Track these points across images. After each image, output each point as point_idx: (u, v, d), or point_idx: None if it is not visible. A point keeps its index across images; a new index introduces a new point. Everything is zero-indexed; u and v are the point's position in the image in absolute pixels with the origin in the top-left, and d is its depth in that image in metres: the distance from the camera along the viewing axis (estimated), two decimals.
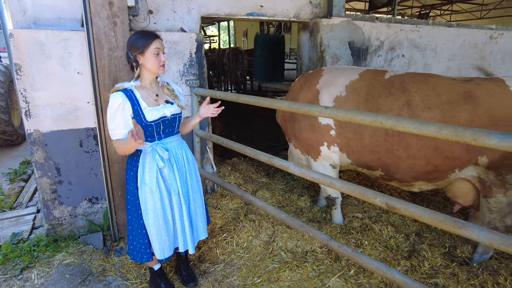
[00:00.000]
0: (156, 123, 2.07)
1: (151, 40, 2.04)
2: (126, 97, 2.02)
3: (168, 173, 2.14)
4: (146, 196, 2.11)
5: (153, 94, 2.14)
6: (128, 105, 2.01)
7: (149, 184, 2.09)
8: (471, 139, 1.41)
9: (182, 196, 2.21)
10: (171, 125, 2.17)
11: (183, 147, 2.29)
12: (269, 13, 3.83)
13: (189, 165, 2.30)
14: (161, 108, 2.10)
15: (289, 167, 2.28)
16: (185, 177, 2.26)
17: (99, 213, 3.40)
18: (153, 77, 2.16)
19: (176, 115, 2.19)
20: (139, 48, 2.04)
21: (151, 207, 2.12)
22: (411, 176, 2.85)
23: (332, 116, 1.95)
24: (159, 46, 2.05)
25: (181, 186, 2.20)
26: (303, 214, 3.62)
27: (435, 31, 4.78)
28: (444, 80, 2.80)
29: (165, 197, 2.14)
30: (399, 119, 1.64)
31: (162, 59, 2.07)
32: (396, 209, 1.72)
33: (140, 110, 2.04)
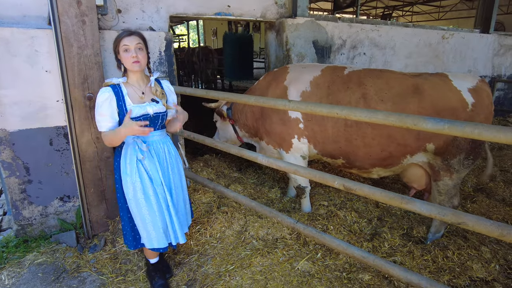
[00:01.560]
0: (137, 119, 2.13)
1: (120, 38, 2.12)
2: (113, 92, 2.13)
3: (148, 164, 2.22)
4: (128, 186, 2.20)
5: (140, 91, 2.23)
6: (114, 100, 2.12)
7: (129, 174, 2.18)
8: (412, 124, 1.62)
9: (166, 187, 2.28)
10: (153, 122, 2.24)
11: (165, 141, 2.37)
12: (236, 13, 3.96)
13: (171, 159, 2.37)
14: (144, 106, 2.19)
15: (257, 158, 2.43)
16: (167, 170, 2.33)
17: (71, 211, 3.39)
18: (138, 74, 2.23)
19: (159, 114, 2.25)
20: (114, 47, 2.17)
21: (132, 197, 2.21)
22: (369, 163, 3.12)
23: (295, 109, 2.12)
24: (128, 43, 2.10)
25: (163, 176, 2.27)
26: (273, 204, 3.79)
27: (393, 30, 5.12)
28: (395, 74, 3.08)
29: (148, 187, 2.21)
30: (352, 109, 1.83)
31: (132, 55, 2.11)
32: (352, 190, 1.91)
33: (124, 106, 2.14)
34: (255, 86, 3.55)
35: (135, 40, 2.13)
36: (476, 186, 4.17)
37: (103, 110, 2.11)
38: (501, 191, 3.93)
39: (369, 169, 3.23)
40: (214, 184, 2.99)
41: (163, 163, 2.31)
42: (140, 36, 2.18)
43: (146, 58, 2.22)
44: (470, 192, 3.96)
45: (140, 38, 2.17)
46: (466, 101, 2.83)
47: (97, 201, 3.26)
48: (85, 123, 3.02)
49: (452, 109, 2.82)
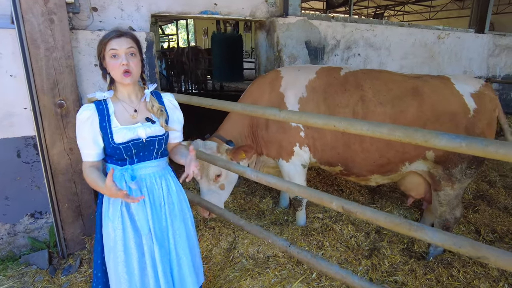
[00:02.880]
0: (125, 146, 1.66)
1: (107, 40, 1.62)
2: (96, 110, 1.66)
3: (136, 207, 1.70)
4: (108, 232, 1.71)
5: (131, 109, 1.73)
6: (96, 120, 1.65)
7: (111, 218, 1.70)
8: (422, 140, 1.40)
9: (155, 238, 1.74)
10: (147, 148, 1.74)
11: (163, 175, 1.83)
12: (223, 11, 3.71)
13: (171, 198, 1.83)
14: (134, 128, 1.69)
15: (245, 172, 2.19)
16: (163, 214, 1.80)
17: (44, 228, 3.10)
18: (130, 87, 1.73)
19: (154, 138, 1.74)
20: (98, 51, 1.66)
21: (112, 246, 1.70)
22: (367, 169, 2.95)
23: (286, 119, 1.88)
24: (116, 47, 1.60)
25: (153, 224, 1.74)
26: (265, 216, 3.55)
27: (389, 30, 4.92)
28: (394, 76, 2.89)
29: (130, 238, 1.70)
30: (352, 122, 1.60)
31: (123, 62, 1.60)
32: (352, 213, 1.68)
33: (108, 129, 1.65)
34: (246, 94, 3.24)
35: (126, 43, 1.63)
36: (476, 193, 3.99)
37: (83, 133, 1.66)
38: (503, 199, 3.76)
39: (367, 176, 3.05)
40: (198, 197, 2.73)
41: (158, 205, 1.78)
42: (133, 38, 1.69)
43: (140, 66, 1.71)
44: (471, 200, 3.77)
45: (133, 40, 1.68)
46: (468, 106, 2.65)
47: (72, 217, 2.98)
48: (57, 132, 2.74)
49: (452, 114, 2.65)
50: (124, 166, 1.73)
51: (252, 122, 3.12)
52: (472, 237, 3.09)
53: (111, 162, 1.77)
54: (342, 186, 4.08)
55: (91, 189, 3.01)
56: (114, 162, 1.75)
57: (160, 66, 12.37)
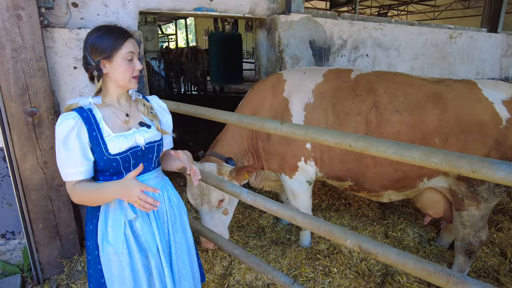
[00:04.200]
0: (123, 156, 1.46)
1: (123, 40, 1.43)
2: (81, 118, 1.41)
3: (141, 226, 1.53)
4: (110, 259, 1.49)
5: (122, 113, 1.54)
6: (83, 130, 1.40)
7: (113, 243, 1.48)
8: (469, 170, 1.06)
9: (164, 256, 1.58)
10: (146, 157, 1.56)
11: (164, 186, 1.67)
12: (220, 8, 3.38)
13: (173, 211, 1.68)
14: (131, 134, 1.50)
15: (241, 195, 1.85)
16: (166, 228, 1.65)
17: (17, 250, 2.78)
18: (122, 91, 1.55)
19: (153, 144, 1.57)
20: (105, 50, 1.42)
21: (117, 274, 1.50)
22: (380, 185, 2.63)
23: (289, 134, 1.55)
24: (134, 50, 1.46)
25: (161, 243, 1.57)
26: (265, 234, 3.22)
27: (398, 29, 4.59)
28: (412, 79, 2.57)
29: (137, 261, 1.52)
30: (372, 141, 1.27)
31: (137, 67, 1.48)
32: (372, 254, 1.35)
33: (100, 139, 1.43)
34: (244, 102, 2.88)
35: (136, 45, 1.51)
36: (495, 206, 3.65)
37: (68, 148, 1.38)
38: None
39: (379, 192, 2.72)
40: (200, 225, 2.41)
41: (162, 220, 1.62)
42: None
43: None
44: (491, 216, 3.43)
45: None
46: (500, 115, 2.30)
47: (47, 238, 2.66)
48: (28, 144, 2.41)
49: (480, 124, 2.31)
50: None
51: (252, 134, 2.77)
52: (497, 261, 2.75)
53: (103, 179, 1.50)
54: (350, 199, 3.74)
55: (70, 206, 2.69)
56: (108, 178, 1.49)
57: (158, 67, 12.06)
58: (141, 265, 1.52)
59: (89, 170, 1.43)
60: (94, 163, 1.45)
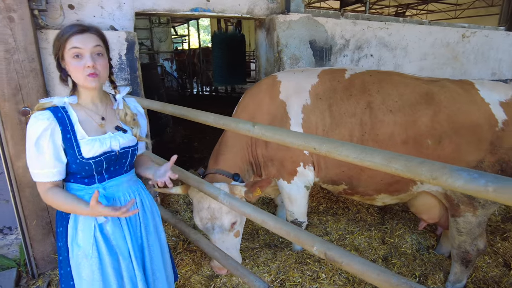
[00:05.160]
0: (96, 160, 1.44)
1: (67, 36, 1.36)
2: (56, 119, 1.39)
3: (112, 230, 1.51)
4: (79, 263, 1.47)
5: (98, 116, 1.50)
6: (57, 131, 1.38)
7: (83, 246, 1.46)
8: (430, 178, 1.00)
9: (135, 259, 1.56)
10: (119, 162, 1.54)
11: (137, 189, 1.64)
12: (217, 8, 3.36)
13: (145, 213, 1.66)
14: (106, 138, 1.47)
15: (218, 197, 1.83)
16: (139, 231, 1.63)
17: (14, 245, 2.86)
18: (95, 91, 1.49)
19: (128, 149, 1.54)
20: (56, 49, 1.40)
21: (87, 278, 1.47)
22: (373, 188, 2.56)
23: (260, 136, 1.51)
24: (79, 45, 1.35)
25: (132, 247, 1.55)
26: (259, 236, 3.19)
27: (406, 28, 4.44)
28: (406, 79, 2.49)
29: (107, 264, 1.49)
30: (336, 144, 1.21)
31: (87, 64, 1.36)
32: (336, 262, 1.29)
33: (74, 141, 1.41)
34: (239, 109, 2.78)
35: (92, 41, 1.39)
36: (505, 214, 3.47)
37: (40, 149, 1.36)
38: None
39: (373, 195, 2.64)
40: (175, 219, 2.40)
41: (134, 224, 1.60)
42: (100, 35, 1.44)
43: (108, 68, 1.49)
44: (499, 223, 3.26)
45: (100, 38, 1.44)
46: (496, 117, 2.19)
47: (41, 235, 2.72)
48: (21, 143, 2.47)
49: (474, 126, 2.20)
50: (93, 185, 1.48)
51: (250, 141, 2.67)
52: (500, 272, 2.61)
53: (75, 181, 1.49)
54: (348, 203, 3.65)
55: None
56: (79, 181, 1.48)
57: (171, 67, 12.22)
58: (111, 269, 1.50)
59: (61, 172, 1.43)
60: (67, 165, 1.44)
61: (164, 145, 5.09)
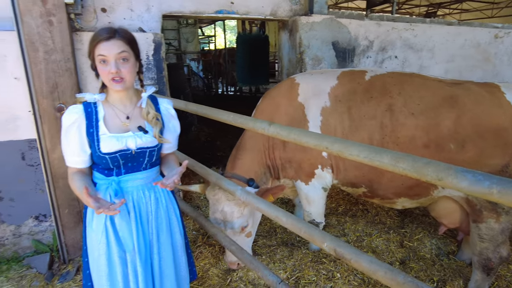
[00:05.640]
0: (111, 156, 1.53)
1: (95, 42, 1.46)
2: (84, 114, 1.52)
3: (120, 223, 1.59)
4: (92, 245, 1.61)
5: (123, 115, 1.59)
6: (83, 125, 1.51)
7: (95, 230, 1.59)
8: (436, 178, 1.02)
9: (138, 254, 1.61)
10: (136, 159, 1.61)
11: (153, 187, 1.69)
12: (241, 10, 3.45)
13: (159, 211, 1.70)
14: (124, 137, 1.55)
15: (235, 192, 1.91)
16: (149, 228, 1.68)
17: (48, 231, 3.07)
18: (123, 92, 1.57)
19: (145, 149, 1.60)
20: (88, 52, 1.51)
21: (96, 259, 1.60)
22: (393, 191, 2.54)
23: (275, 134, 1.57)
24: (104, 53, 1.44)
25: (137, 241, 1.61)
26: (276, 234, 3.24)
27: (432, 29, 4.34)
28: (429, 81, 2.46)
29: (114, 252, 1.59)
30: (347, 144, 1.25)
31: (111, 70, 1.44)
32: (345, 259, 1.33)
33: (96, 136, 1.51)
34: (257, 111, 2.82)
35: (117, 48, 1.45)
36: None
37: (69, 138, 1.52)
38: None
39: (393, 199, 2.63)
40: (196, 213, 2.50)
41: (145, 220, 1.66)
42: (126, 39, 1.49)
43: (134, 71, 1.55)
44: None
45: (126, 42, 1.48)
46: None
47: (73, 223, 2.91)
48: (57, 136, 2.66)
49: (500, 129, 2.16)
50: (110, 178, 1.60)
51: (268, 144, 2.72)
52: None
53: (97, 170, 1.63)
54: (367, 205, 3.63)
55: None
56: (101, 171, 1.62)
57: (197, 68, 12.49)
58: (117, 257, 1.59)
59: (85, 161, 1.56)
60: (93, 157, 1.57)
61: (189, 143, 5.26)
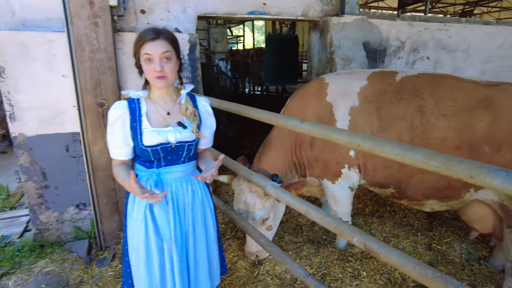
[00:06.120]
0: (153, 149, 1.63)
1: (142, 42, 1.55)
2: (128, 109, 1.64)
3: (158, 212, 1.68)
4: (132, 233, 1.71)
5: (164, 111, 1.69)
6: (127, 119, 1.63)
7: (135, 219, 1.69)
8: (467, 176, 1.05)
9: (175, 243, 1.70)
10: (175, 153, 1.70)
11: (190, 180, 1.78)
12: (273, 11, 3.53)
13: (195, 203, 1.78)
14: (165, 131, 1.65)
15: (266, 187, 1.98)
16: (185, 219, 1.76)
17: (87, 219, 3.28)
18: (164, 89, 1.69)
19: (184, 143, 1.69)
20: (134, 51, 1.61)
21: (135, 246, 1.70)
22: (422, 193, 2.53)
23: (307, 132, 1.64)
24: (150, 52, 1.54)
25: (174, 231, 1.70)
26: (302, 232, 3.29)
27: (468, 29, 4.22)
28: (463, 83, 2.41)
29: (152, 241, 1.68)
30: (379, 142, 1.30)
31: (156, 68, 1.55)
32: (375, 253, 1.37)
33: (139, 129, 1.63)
34: (287, 109, 2.89)
35: (162, 47, 1.55)
36: None
37: (114, 131, 1.64)
38: None
39: (422, 200, 2.61)
40: (226, 207, 2.60)
41: (182, 211, 1.75)
42: (169, 39, 1.59)
43: (176, 70, 1.66)
44: None
45: (169, 42, 1.59)
46: None
47: (109, 213, 3.10)
48: (98, 130, 2.85)
49: None
50: (151, 170, 1.72)
51: (294, 143, 2.78)
52: None
53: (139, 162, 1.76)
54: (395, 207, 3.60)
55: None
56: (142, 163, 1.74)
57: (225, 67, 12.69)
58: (155, 246, 1.68)
59: (128, 153, 1.68)
60: (134, 148, 1.70)
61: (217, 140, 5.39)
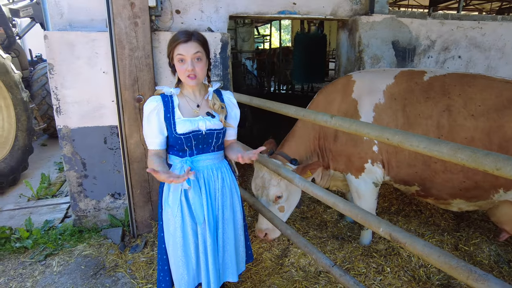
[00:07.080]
0: (186, 136, 1.77)
1: (175, 44, 1.70)
2: (162, 102, 1.80)
3: (193, 197, 1.82)
4: (168, 219, 1.85)
5: (194, 104, 1.85)
6: (161, 111, 1.79)
7: (171, 206, 1.83)
8: (494, 168, 1.09)
9: (208, 226, 1.84)
10: (206, 141, 1.84)
11: (220, 167, 1.92)
12: (302, 10, 3.59)
13: (225, 189, 1.93)
14: (196, 120, 1.80)
15: (294, 179, 2.07)
16: (217, 204, 1.91)
17: (121, 208, 3.49)
18: (195, 86, 1.85)
19: (213, 131, 1.83)
20: (168, 51, 1.77)
21: (172, 232, 1.85)
22: (448, 192, 2.53)
23: (336, 126, 1.70)
24: (183, 52, 1.68)
25: (207, 215, 1.83)
26: (327, 228, 3.34)
27: (504, 27, 4.10)
28: (494, 82, 2.39)
29: (188, 225, 1.84)
30: (407, 136, 1.35)
31: (188, 68, 1.70)
32: (400, 243, 1.43)
33: (172, 119, 1.79)
34: (313, 104, 2.98)
35: (193, 49, 1.70)
36: None
37: (149, 122, 1.80)
38: None
39: (448, 200, 2.60)
40: (253, 199, 2.71)
41: (213, 196, 1.89)
42: (200, 41, 1.74)
43: (206, 69, 1.81)
44: None
45: (200, 44, 1.73)
46: None
47: (142, 202, 3.28)
48: (134, 124, 3.03)
49: None
50: (184, 158, 1.86)
51: (318, 135, 2.87)
52: None
53: (172, 153, 1.90)
54: (421, 206, 3.57)
55: None
56: (175, 152, 1.88)
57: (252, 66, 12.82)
58: (190, 229, 1.84)
59: (162, 142, 1.83)
60: (167, 138, 1.85)
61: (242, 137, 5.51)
